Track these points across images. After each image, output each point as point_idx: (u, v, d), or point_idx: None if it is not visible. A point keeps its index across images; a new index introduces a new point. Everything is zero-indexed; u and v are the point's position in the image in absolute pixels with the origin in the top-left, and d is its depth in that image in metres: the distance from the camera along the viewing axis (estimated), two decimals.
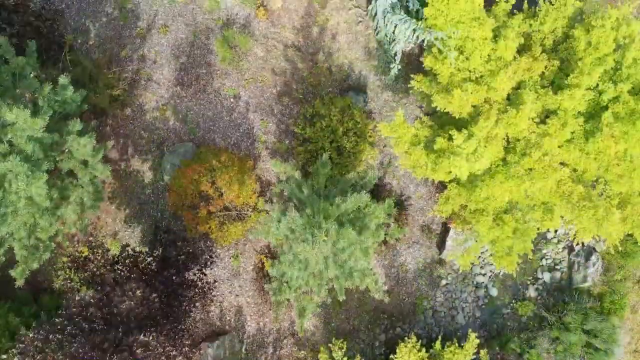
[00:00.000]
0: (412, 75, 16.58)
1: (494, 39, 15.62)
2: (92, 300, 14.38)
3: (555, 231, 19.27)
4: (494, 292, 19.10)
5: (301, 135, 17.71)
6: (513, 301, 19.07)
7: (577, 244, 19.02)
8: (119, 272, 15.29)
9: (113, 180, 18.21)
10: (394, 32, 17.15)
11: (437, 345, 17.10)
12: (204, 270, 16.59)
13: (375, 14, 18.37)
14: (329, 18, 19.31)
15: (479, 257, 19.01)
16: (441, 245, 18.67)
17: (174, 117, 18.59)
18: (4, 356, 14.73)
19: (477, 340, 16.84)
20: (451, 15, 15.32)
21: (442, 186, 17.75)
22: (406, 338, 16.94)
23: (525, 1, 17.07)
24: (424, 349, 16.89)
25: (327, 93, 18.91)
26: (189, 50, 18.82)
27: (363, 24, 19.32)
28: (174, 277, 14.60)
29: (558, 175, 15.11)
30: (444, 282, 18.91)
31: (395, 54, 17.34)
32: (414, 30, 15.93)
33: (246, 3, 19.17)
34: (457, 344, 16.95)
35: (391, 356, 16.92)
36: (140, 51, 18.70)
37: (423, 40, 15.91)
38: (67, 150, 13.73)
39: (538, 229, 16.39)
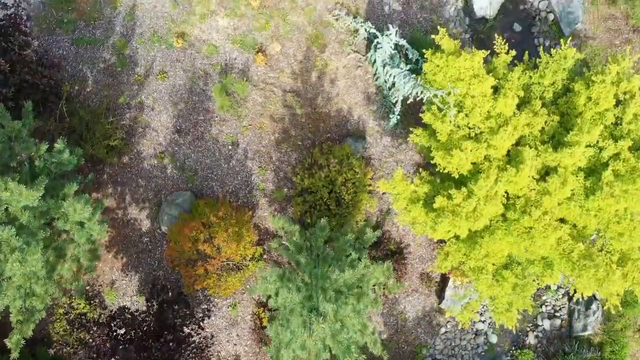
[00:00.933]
0: (411, 129, 16.50)
1: (493, 95, 15.53)
2: None
3: None
4: (493, 339, 18.99)
5: (299, 185, 17.60)
6: (513, 349, 18.96)
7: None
8: (115, 330, 15.17)
9: (110, 228, 18.10)
10: (393, 84, 17.05)
11: None
12: (201, 324, 16.46)
13: (375, 62, 18.28)
14: (328, 62, 19.21)
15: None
16: (440, 294, 18.56)
17: (171, 164, 18.48)
18: None
19: None
20: (450, 72, 15.23)
21: None
22: None
23: (526, 52, 17.01)
24: None
25: (325, 140, 18.81)
26: (187, 97, 18.71)
27: (362, 68, 19.22)
28: (170, 343, 14.47)
29: (558, 234, 15.00)
30: (443, 330, 18.79)
31: (395, 104, 17.22)
32: (413, 85, 15.81)
33: (245, 48, 19.07)
34: None
35: None
36: (138, 98, 18.59)
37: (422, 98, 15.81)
38: (63, 212, 13.60)
39: (538, 284, 16.30)
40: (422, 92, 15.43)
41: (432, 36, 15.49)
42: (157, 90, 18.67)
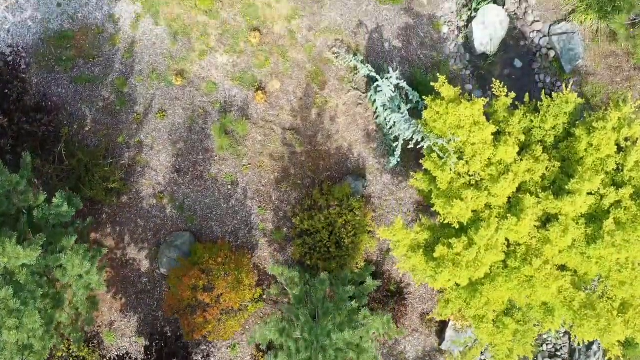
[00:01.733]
0: (411, 173, 16.44)
1: (494, 142, 15.44)
2: None
3: None
4: None
5: (299, 226, 17.51)
6: None
7: None
8: None
9: (109, 268, 18.01)
10: (394, 123, 16.97)
11: None
12: None
13: (375, 101, 18.21)
14: (328, 100, 19.13)
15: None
16: (441, 335, 18.46)
17: (170, 204, 18.40)
18: None
19: None
20: (450, 120, 15.16)
21: None
22: None
23: (527, 94, 16.94)
24: None
25: (325, 178, 18.73)
26: (187, 136, 18.64)
27: (362, 106, 19.14)
28: None
29: (559, 284, 14.91)
30: None
31: (395, 148, 17.12)
32: (414, 132, 15.73)
33: (244, 85, 19.00)
34: None
35: None
36: (137, 137, 18.51)
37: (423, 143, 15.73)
38: (61, 265, 13.52)
39: (539, 330, 16.22)
40: (422, 140, 15.34)
41: (432, 84, 15.41)
42: (156, 129, 18.59)
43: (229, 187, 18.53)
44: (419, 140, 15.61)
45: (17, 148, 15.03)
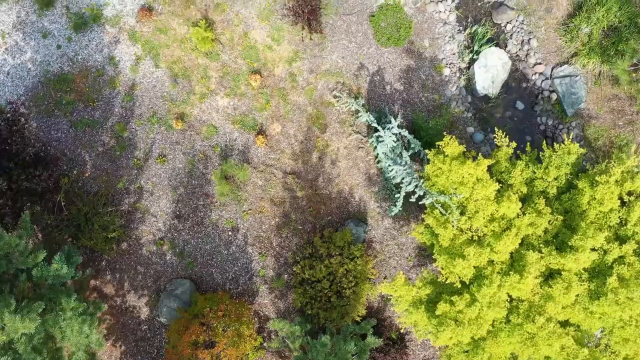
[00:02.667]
0: (413, 225, 16.33)
1: (496, 198, 15.34)
2: None
3: None
4: None
5: (300, 275, 17.40)
6: None
7: None
8: None
9: (109, 316, 17.90)
10: (395, 176, 16.87)
11: None
12: None
13: (376, 148, 18.11)
14: (329, 143, 19.03)
15: None
16: None
17: (171, 251, 18.28)
18: None
19: None
20: (453, 177, 15.05)
21: None
22: None
23: (528, 143, 16.84)
24: None
25: (326, 222, 18.62)
26: (187, 181, 18.52)
27: (363, 149, 19.04)
28: None
29: (562, 341, 14.81)
30: None
31: (397, 199, 16.99)
32: (416, 186, 15.62)
33: (245, 128, 18.90)
34: None
35: None
36: (137, 183, 18.40)
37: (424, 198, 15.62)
38: (60, 328, 13.41)
39: None
40: (424, 196, 15.24)
41: (437, 143, 15.29)
42: (156, 175, 18.48)
43: (230, 233, 18.42)
44: (421, 195, 15.48)
45: (16, 204, 14.90)
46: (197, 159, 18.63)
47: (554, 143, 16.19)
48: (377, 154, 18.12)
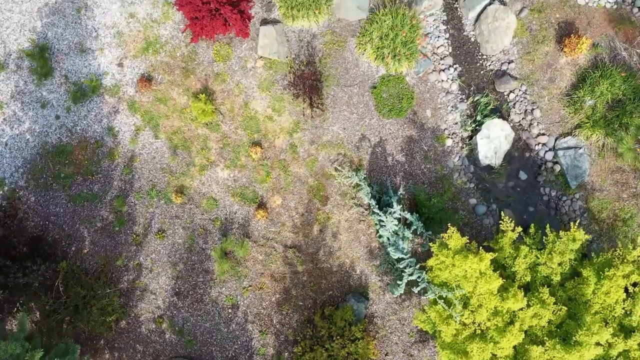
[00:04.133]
0: (415, 313, 16.14)
1: (500, 293, 15.15)
2: None
3: None
4: None
5: (301, 358, 17.19)
6: None
7: None
8: None
9: None
10: (397, 261, 16.69)
11: None
12: None
13: (377, 226, 17.92)
14: (330, 216, 18.83)
15: None
16: None
17: (170, 329, 18.07)
18: None
19: None
20: (456, 271, 14.87)
21: None
22: None
23: (532, 225, 16.65)
24: None
25: (327, 298, 18.43)
26: (187, 257, 18.32)
27: (365, 222, 18.84)
28: None
29: None
30: None
31: (399, 285, 16.78)
32: (418, 277, 15.44)
33: (245, 201, 18.71)
34: None
35: None
36: (136, 260, 18.20)
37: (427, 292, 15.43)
38: None
39: None
40: (425, 292, 15.04)
41: (441, 235, 15.11)
42: (155, 251, 18.28)
43: (230, 310, 18.22)
44: (423, 288, 15.29)
45: (13, 298, 14.70)
46: (196, 233, 18.43)
47: (560, 231, 15.90)
48: (378, 229, 17.93)
